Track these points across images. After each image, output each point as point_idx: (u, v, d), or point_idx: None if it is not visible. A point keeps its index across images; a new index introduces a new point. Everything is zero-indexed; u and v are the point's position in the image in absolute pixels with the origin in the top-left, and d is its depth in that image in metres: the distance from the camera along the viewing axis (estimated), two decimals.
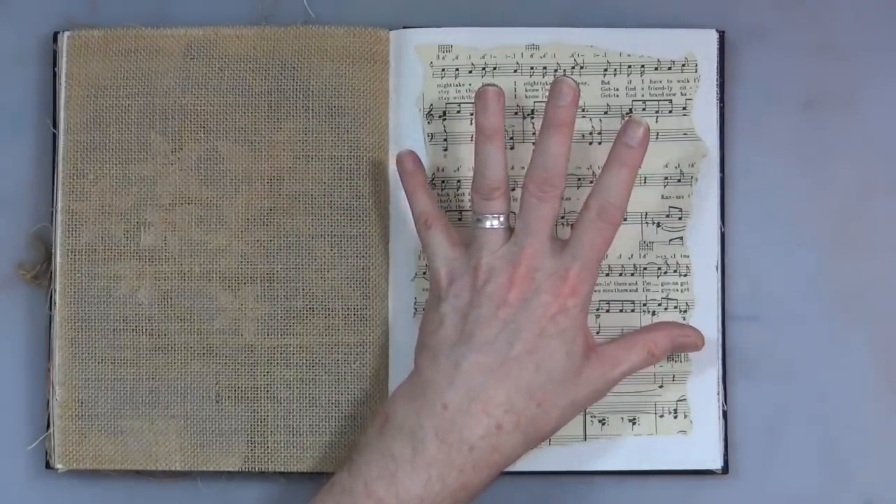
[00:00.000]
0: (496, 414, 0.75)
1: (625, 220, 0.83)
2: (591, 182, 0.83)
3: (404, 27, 0.85)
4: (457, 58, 0.84)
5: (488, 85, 0.79)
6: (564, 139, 0.78)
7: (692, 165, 0.83)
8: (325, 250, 0.83)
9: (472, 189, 0.79)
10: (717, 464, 0.83)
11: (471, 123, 0.84)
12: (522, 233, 0.78)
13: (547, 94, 0.80)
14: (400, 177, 0.81)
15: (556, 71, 0.84)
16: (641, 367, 0.79)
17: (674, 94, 0.84)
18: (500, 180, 0.78)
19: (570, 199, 0.83)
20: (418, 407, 0.76)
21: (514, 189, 0.82)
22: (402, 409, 0.77)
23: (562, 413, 0.77)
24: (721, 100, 0.84)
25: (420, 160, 0.81)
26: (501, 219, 0.79)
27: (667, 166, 0.83)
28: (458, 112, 0.84)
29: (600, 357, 0.78)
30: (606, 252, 0.78)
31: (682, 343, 0.80)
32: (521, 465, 0.82)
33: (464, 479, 0.75)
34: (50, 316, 0.84)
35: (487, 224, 0.79)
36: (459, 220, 0.84)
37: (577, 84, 0.78)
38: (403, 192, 0.82)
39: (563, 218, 0.83)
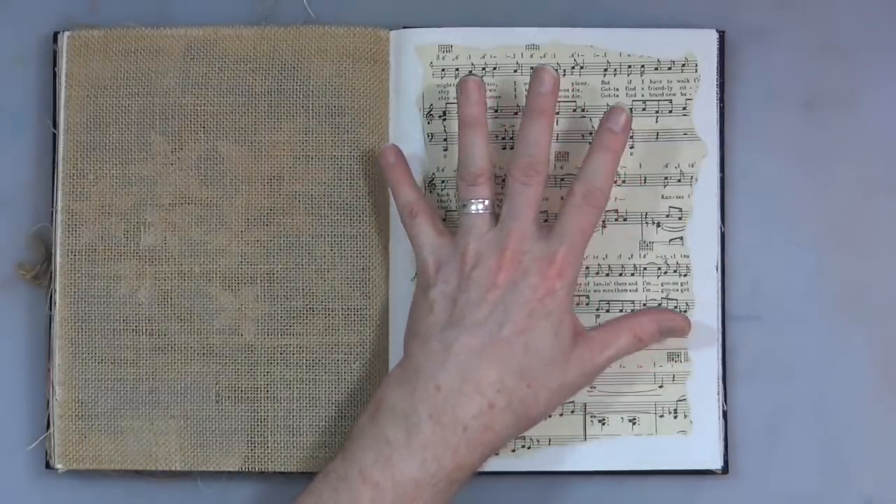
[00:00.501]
0: (488, 393, 0.76)
1: (624, 220, 0.83)
2: None
3: (404, 27, 0.85)
4: (457, 58, 0.84)
5: (469, 75, 0.81)
6: (546, 125, 0.79)
7: (692, 165, 0.83)
8: (325, 250, 0.83)
9: (457, 177, 0.80)
10: (717, 464, 0.82)
11: None
12: (508, 217, 0.79)
13: None
14: (383, 170, 0.82)
15: (555, 71, 0.84)
16: (629, 351, 0.80)
17: (674, 94, 0.84)
18: (484, 167, 0.80)
19: None
20: (411, 390, 0.77)
21: None
22: (395, 394, 0.77)
23: (550, 395, 0.78)
24: (721, 100, 0.84)
25: (402, 153, 0.82)
26: (486, 203, 0.79)
27: (667, 166, 0.83)
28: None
29: (588, 341, 0.79)
30: (591, 236, 0.79)
31: (669, 327, 0.81)
32: (521, 465, 0.82)
33: (458, 460, 0.76)
34: (50, 316, 0.84)
35: (473, 209, 0.79)
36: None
37: (558, 72, 0.80)
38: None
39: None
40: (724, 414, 0.83)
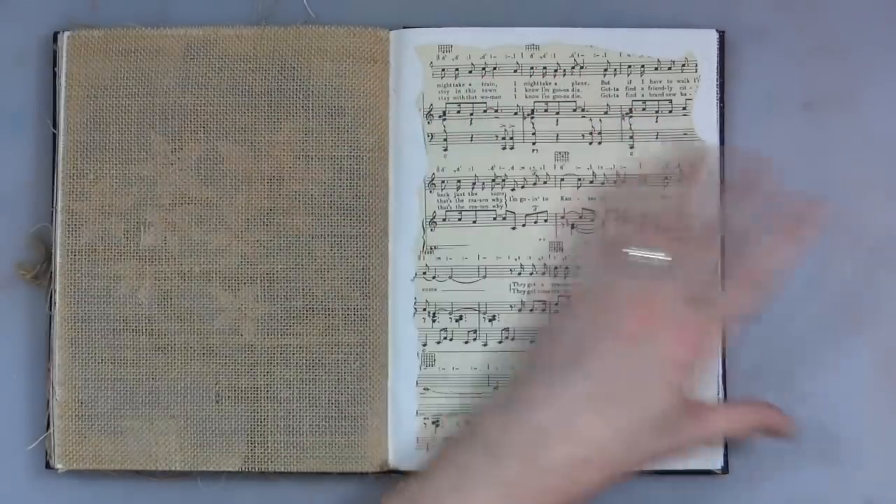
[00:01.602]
0: (584, 446, 0.72)
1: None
2: (591, 182, 0.83)
3: (404, 27, 0.85)
4: (457, 58, 0.84)
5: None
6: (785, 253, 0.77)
7: (692, 165, 0.83)
8: (325, 250, 0.83)
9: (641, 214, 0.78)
10: (717, 464, 0.82)
11: (471, 123, 0.84)
12: (669, 274, 0.75)
13: (546, 94, 0.80)
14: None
15: (556, 71, 0.84)
16: (725, 436, 0.79)
17: (674, 94, 0.84)
18: (672, 220, 0.77)
19: (569, 199, 0.83)
20: (506, 422, 0.73)
21: (514, 189, 0.82)
22: (489, 421, 0.73)
23: (642, 460, 0.73)
24: (721, 100, 0.84)
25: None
26: (654, 253, 0.75)
27: (667, 166, 0.83)
28: (458, 112, 0.84)
29: (702, 418, 0.75)
30: (749, 316, 0.77)
31: (777, 431, 0.78)
32: None
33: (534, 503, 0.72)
34: (50, 316, 0.84)
35: (638, 254, 0.76)
36: (459, 220, 0.84)
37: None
38: (403, 193, 0.82)
39: (563, 218, 0.83)
40: None
